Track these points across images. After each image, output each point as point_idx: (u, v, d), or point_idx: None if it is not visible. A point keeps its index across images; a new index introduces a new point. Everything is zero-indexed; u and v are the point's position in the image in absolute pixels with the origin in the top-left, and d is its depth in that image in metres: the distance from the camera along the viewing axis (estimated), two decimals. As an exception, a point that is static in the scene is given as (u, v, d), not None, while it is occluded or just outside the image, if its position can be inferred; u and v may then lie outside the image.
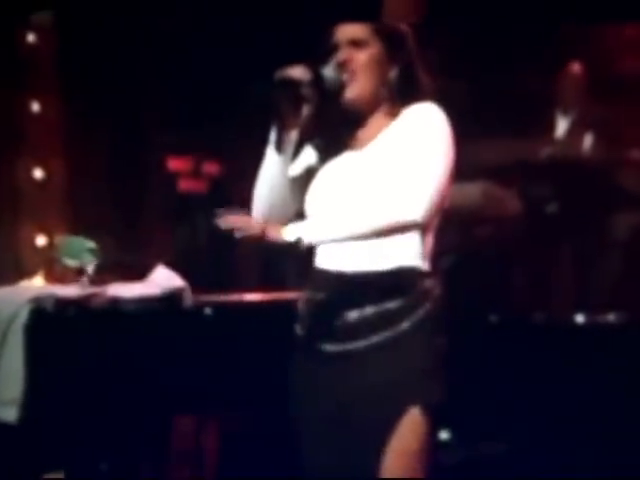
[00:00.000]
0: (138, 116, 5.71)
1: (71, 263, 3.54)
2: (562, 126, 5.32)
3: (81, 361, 2.77)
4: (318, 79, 2.06)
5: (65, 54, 5.27)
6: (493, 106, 5.14)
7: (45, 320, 2.79)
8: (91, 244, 3.67)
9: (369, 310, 1.99)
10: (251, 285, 5.92)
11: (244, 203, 7.23)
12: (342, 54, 2.10)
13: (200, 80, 5.69)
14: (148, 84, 5.65)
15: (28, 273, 3.89)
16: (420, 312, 1.99)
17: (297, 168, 2.16)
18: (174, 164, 6.35)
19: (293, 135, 2.11)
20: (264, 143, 2.10)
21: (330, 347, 2.02)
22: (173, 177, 6.36)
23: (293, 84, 2.03)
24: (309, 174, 2.16)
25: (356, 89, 2.08)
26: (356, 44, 2.10)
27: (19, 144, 5.32)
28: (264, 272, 6.53)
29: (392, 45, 2.10)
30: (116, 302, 3.00)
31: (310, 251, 2.16)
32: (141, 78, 5.59)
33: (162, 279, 3.29)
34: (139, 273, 4.74)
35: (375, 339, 1.99)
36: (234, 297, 3.58)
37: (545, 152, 5.21)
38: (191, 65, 5.60)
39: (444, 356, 2.03)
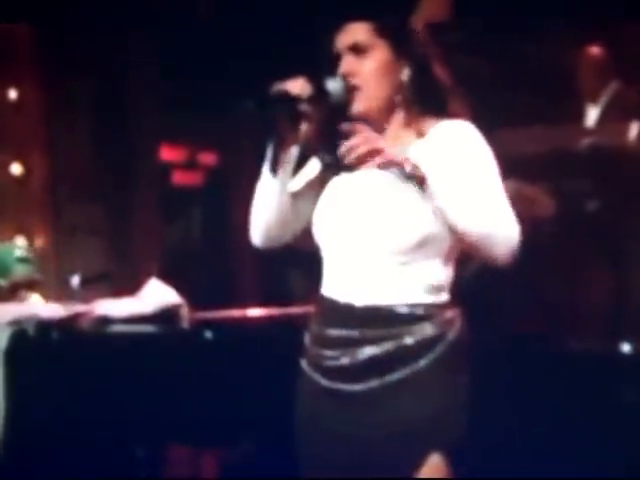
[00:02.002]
0: (126, 103, 5.69)
1: (0, 283, 3.55)
2: (593, 113, 5.29)
3: (67, 390, 2.77)
4: (321, 93, 2.00)
5: (44, 37, 5.25)
6: (515, 90, 5.14)
7: (27, 345, 2.80)
8: (21, 251, 3.67)
9: (382, 347, 1.96)
10: (252, 289, 5.95)
11: (244, 197, 7.25)
12: (344, 65, 2.03)
13: (195, 61, 5.69)
14: (137, 68, 5.63)
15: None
16: (440, 348, 1.97)
17: (300, 183, 2.13)
18: (167, 154, 6.36)
19: (292, 152, 2.07)
20: (265, 131, 2.06)
21: (340, 386, 1.99)
22: (166, 169, 6.38)
23: (291, 99, 1.99)
24: (315, 189, 2.11)
25: (364, 102, 2.02)
26: (358, 50, 2.03)
27: (-5, 137, 5.33)
28: (266, 276, 6.55)
29: (400, 43, 2.03)
30: (105, 322, 3.00)
31: (315, 260, 2.15)
32: (128, 61, 5.57)
33: (155, 294, 3.30)
34: (129, 284, 4.76)
35: (389, 378, 1.96)
36: (235, 313, 3.59)
37: (583, 142, 5.19)
38: (184, 46, 5.59)
39: (467, 395, 1.98)
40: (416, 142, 2.01)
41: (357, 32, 2.03)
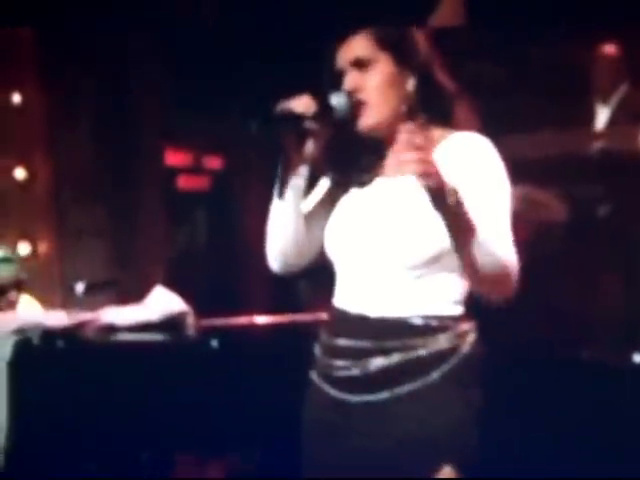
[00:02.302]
0: (129, 106, 5.70)
1: None
2: (603, 116, 5.28)
3: (72, 400, 2.77)
4: (326, 110, 1.99)
5: (47, 40, 5.26)
6: (527, 94, 5.14)
7: (31, 354, 2.80)
8: (2, 252, 3.66)
9: (394, 358, 1.95)
10: (259, 295, 5.95)
11: (251, 202, 7.22)
12: (348, 81, 2.02)
13: (198, 63, 5.70)
14: (140, 71, 5.64)
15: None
16: (452, 361, 1.96)
17: (313, 203, 2.12)
18: (172, 159, 6.37)
19: (302, 172, 2.06)
20: (272, 135, 2.06)
21: (349, 397, 1.98)
22: (171, 173, 6.39)
23: (296, 118, 1.98)
24: (327, 208, 2.10)
25: (372, 117, 2.02)
26: (361, 65, 2.02)
27: (-2, 142, 5.34)
28: (273, 281, 6.54)
29: (403, 54, 2.02)
30: (110, 330, 3.01)
31: (323, 267, 2.15)
32: (131, 64, 5.58)
33: (161, 302, 3.30)
34: (134, 290, 4.76)
35: (400, 390, 1.95)
36: (242, 321, 3.59)
37: (594, 146, 5.18)
38: (188, 48, 5.60)
39: (478, 408, 1.97)
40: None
41: (358, 46, 2.03)
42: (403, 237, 1.96)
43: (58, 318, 2.98)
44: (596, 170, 5.07)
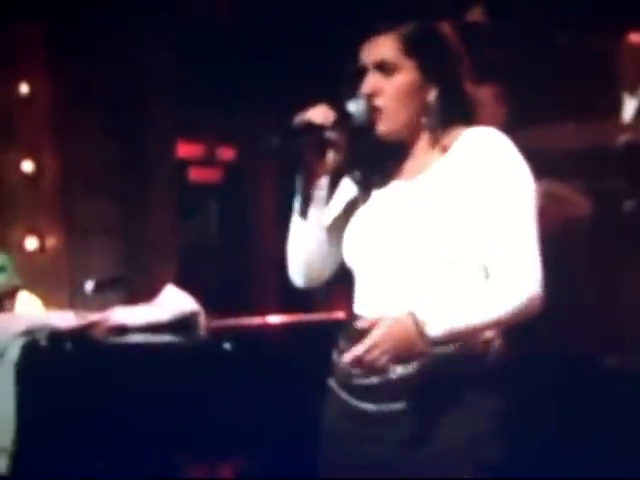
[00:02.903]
0: (141, 98, 5.69)
1: None
2: (630, 107, 5.23)
3: (81, 403, 2.77)
4: (344, 117, 2.00)
5: (56, 29, 5.25)
6: (549, 83, 5.10)
7: (39, 356, 2.80)
8: None
9: (416, 366, 1.94)
10: (272, 290, 5.94)
11: (263, 195, 7.21)
12: (368, 83, 2.02)
13: (213, 51, 5.69)
14: (152, 62, 5.62)
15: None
16: (476, 368, 1.95)
17: (335, 212, 2.11)
18: (183, 150, 6.37)
19: (323, 183, 2.06)
20: (285, 125, 2.06)
21: (369, 406, 1.99)
22: (182, 165, 6.39)
23: (315, 129, 1.99)
24: (349, 215, 2.10)
25: (386, 124, 2.02)
26: (384, 69, 2.01)
27: (5, 133, 5.31)
28: (287, 276, 6.54)
29: (430, 62, 2.01)
30: (121, 331, 3.01)
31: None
32: (143, 52, 5.56)
33: (172, 302, 3.30)
34: (144, 287, 4.76)
35: (421, 399, 1.94)
36: (255, 321, 3.58)
37: (620, 139, 5.14)
38: (200, 39, 5.59)
39: (501, 418, 1.97)
40: (440, 159, 2.01)
41: (384, 49, 2.02)
42: (423, 241, 1.95)
43: (66, 319, 2.98)
44: (622, 164, 5.03)
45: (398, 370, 1.97)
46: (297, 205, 2.08)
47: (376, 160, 2.10)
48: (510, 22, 5.08)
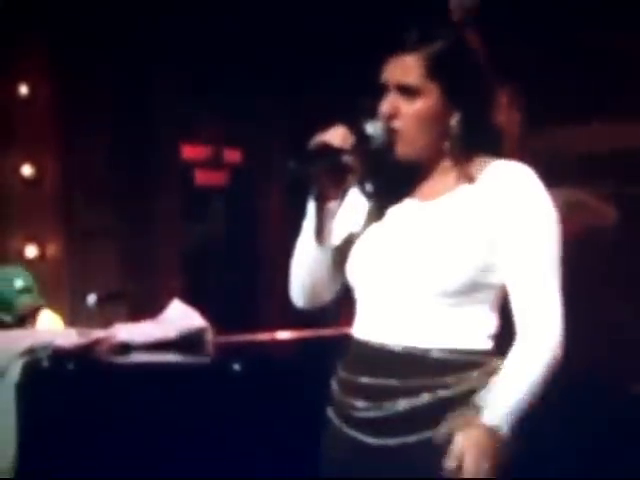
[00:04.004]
0: (144, 99, 5.71)
1: (5, 318, 3.57)
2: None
3: (83, 424, 2.79)
4: (362, 140, 1.98)
5: (57, 30, 5.26)
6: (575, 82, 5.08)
7: (41, 376, 2.82)
8: (21, 281, 3.67)
9: (422, 399, 1.94)
10: (280, 300, 5.95)
11: (270, 198, 7.20)
12: (387, 104, 2.00)
13: (220, 53, 5.71)
14: (156, 60, 5.64)
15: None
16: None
17: (343, 232, 2.09)
18: (188, 153, 6.39)
19: (335, 207, 2.03)
20: (294, 128, 2.05)
21: (372, 440, 1.97)
22: (187, 168, 6.41)
23: (333, 153, 1.96)
24: (358, 235, 2.07)
25: (404, 149, 2.00)
26: (406, 91, 1.98)
27: (4, 135, 5.33)
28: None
29: (455, 86, 1.97)
30: (125, 350, 3.03)
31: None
32: (147, 52, 5.58)
33: (178, 317, 3.32)
34: (148, 297, 4.79)
35: (428, 434, 1.93)
36: (263, 337, 3.60)
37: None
38: (206, 39, 5.61)
39: (512, 451, 1.91)
40: (464, 186, 2.01)
41: (407, 71, 1.98)
42: (433, 264, 1.95)
43: (69, 337, 3.01)
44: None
45: (403, 403, 1.97)
46: (307, 228, 2.07)
47: (389, 176, 2.08)
48: (533, 19, 5.07)
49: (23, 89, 5.39)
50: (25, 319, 3.61)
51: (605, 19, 5.04)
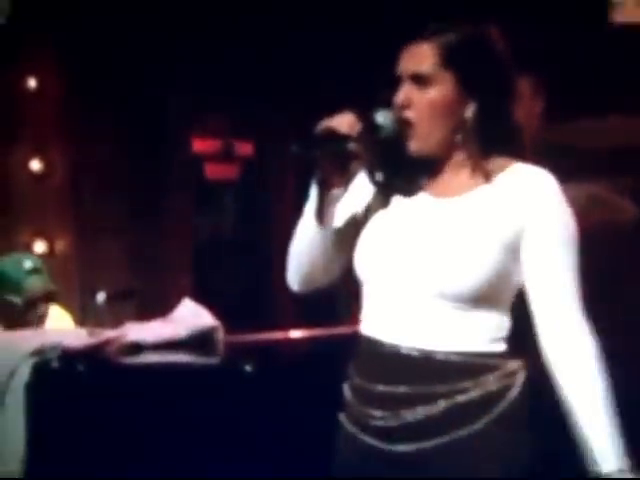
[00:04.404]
0: (154, 91, 5.70)
1: (14, 299, 3.58)
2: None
3: (94, 428, 2.78)
4: (371, 129, 1.98)
5: (65, 19, 5.25)
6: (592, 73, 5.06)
7: (50, 377, 2.80)
8: (30, 262, 3.69)
9: (438, 406, 1.93)
10: (292, 297, 5.95)
11: (283, 192, 7.18)
12: (401, 94, 1.99)
13: (228, 44, 5.70)
14: (165, 52, 5.63)
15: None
16: (502, 404, 1.94)
17: (346, 214, 2.09)
18: (199, 146, 6.39)
19: (339, 193, 2.03)
20: (306, 120, 2.04)
21: (388, 447, 1.97)
22: (197, 161, 6.41)
23: (339, 139, 1.96)
24: (362, 220, 2.08)
25: (417, 141, 1.99)
26: (419, 81, 1.97)
27: (12, 129, 5.33)
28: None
29: (470, 75, 1.96)
30: (135, 350, 3.03)
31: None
32: (155, 45, 5.57)
33: (189, 316, 3.32)
34: (159, 301, 4.78)
35: (444, 440, 1.93)
36: (275, 335, 3.59)
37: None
38: (217, 27, 5.60)
39: (529, 456, 1.96)
40: (483, 186, 1.99)
41: (421, 59, 1.98)
42: (449, 268, 1.94)
43: (78, 337, 3.01)
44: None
45: (419, 411, 1.96)
46: (308, 209, 2.06)
47: (401, 166, 2.06)
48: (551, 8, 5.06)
49: (31, 82, 5.38)
50: (36, 303, 3.61)
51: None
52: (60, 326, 3.68)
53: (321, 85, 5.54)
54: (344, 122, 1.97)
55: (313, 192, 2.04)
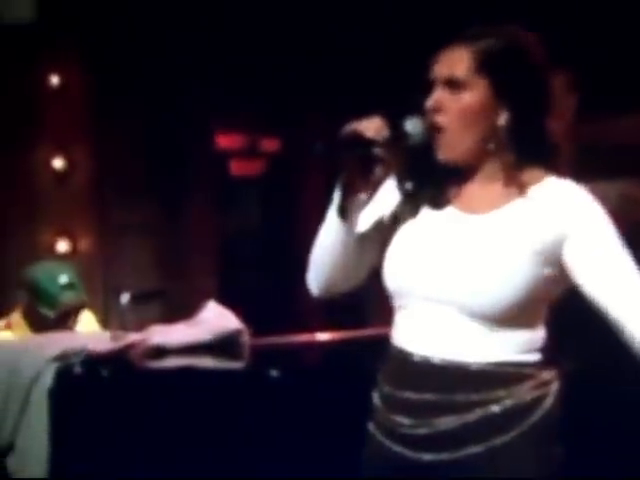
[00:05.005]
0: (179, 87, 5.72)
1: (48, 313, 3.61)
2: None
3: (118, 434, 2.81)
4: (399, 136, 1.96)
5: (88, 16, 5.26)
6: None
7: (74, 382, 2.84)
8: (65, 277, 3.71)
9: (471, 415, 1.93)
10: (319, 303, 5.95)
11: (309, 189, 7.16)
12: (433, 98, 1.98)
13: (255, 39, 5.70)
14: (190, 47, 5.64)
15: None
16: (535, 415, 1.93)
17: (372, 219, 2.08)
18: (224, 142, 6.40)
19: (363, 198, 2.02)
20: (334, 114, 2.03)
21: (418, 456, 1.96)
22: (223, 158, 6.42)
23: (364, 143, 1.95)
24: (388, 227, 2.07)
25: (447, 148, 1.97)
26: (452, 85, 1.95)
27: (35, 127, 5.35)
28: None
29: (504, 81, 1.94)
30: (159, 354, 3.04)
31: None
32: (180, 42, 5.58)
33: (213, 319, 3.33)
34: (184, 302, 4.79)
35: (477, 449, 1.92)
36: (301, 338, 3.60)
37: None
38: (240, 22, 5.60)
39: (559, 469, 1.95)
40: (515, 201, 1.97)
41: (456, 63, 1.97)
42: (484, 285, 1.93)
43: (102, 341, 3.02)
44: None
45: (451, 419, 1.96)
46: (331, 212, 2.04)
47: (430, 176, 2.05)
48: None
49: (54, 79, 5.40)
50: (68, 316, 3.64)
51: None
52: (88, 330, 3.69)
53: (353, 83, 5.53)
54: (371, 126, 1.96)
55: (336, 195, 2.04)
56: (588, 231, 1.93)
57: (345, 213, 2.03)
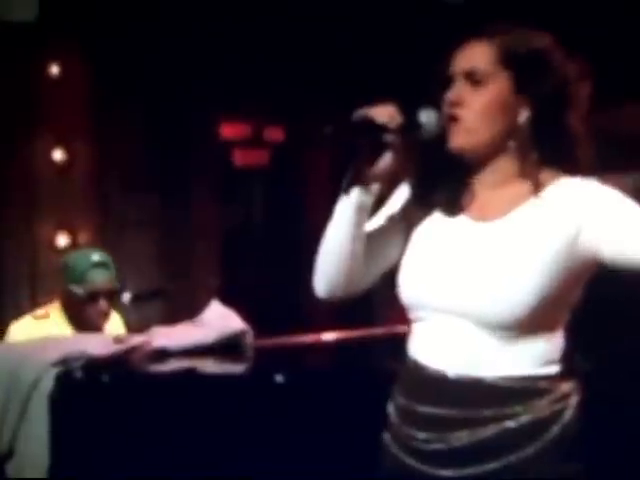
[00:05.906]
0: (181, 76, 5.71)
1: (77, 290, 3.63)
2: None
3: (119, 439, 2.81)
4: (412, 126, 1.96)
5: (89, 8, 5.25)
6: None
7: (74, 387, 2.84)
8: (96, 256, 3.73)
9: (488, 430, 1.93)
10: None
11: (314, 180, 7.17)
12: (453, 91, 1.98)
13: (258, 28, 5.69)
14: (192, 34, 5.63)
15: (41, 301, 3.93)
16: (553, 430, 1.94)
17: (382, 221, 2.10)
18: (227, 131, 6.39)
19: (373, 188, 2.02)
20: (340, 105, 2.03)
21: (433, 471, 1.96)
22: (226, 148, 6.41)
23: (376, 129, 1.95)
24: (398, 231, 2.08)
25: (463, 136, 1.97)
26: (474, 79, 1.96)
27: (34, 118, 5.36)
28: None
29: (527, 79, 1.94)
30: (162, 356, 3.05)
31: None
32: (183, 32, 5.58)
33: (217, 319, 3.33)
34: (186, 300, 4.80)
35: (493, 465, 1.92)
36: (307, 339, 3.60)
37: None
38: (246, 10, 5.59)
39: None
40: (530, 201, 1.97)
41: (477, 57, 1.97)
42: (497, 297, 1.93)
43: (103, 344, 3.03)
44: None
45: (467, 435, 1.96)
46: (339, 203, 2.04)
47: (442, 177, 2.05)
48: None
49: (54, 69, 5.40)
50: (98, 297, 3.64)
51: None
52: (116, 332, 3.69)
53: (357, 73, 5.52)
54: (385, 112, 1.96)
55: (345, 183, 2.03)
56: (601, 207, 1.92)
57: (351, 207, 2.01)
